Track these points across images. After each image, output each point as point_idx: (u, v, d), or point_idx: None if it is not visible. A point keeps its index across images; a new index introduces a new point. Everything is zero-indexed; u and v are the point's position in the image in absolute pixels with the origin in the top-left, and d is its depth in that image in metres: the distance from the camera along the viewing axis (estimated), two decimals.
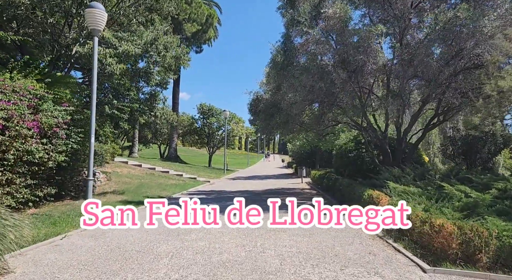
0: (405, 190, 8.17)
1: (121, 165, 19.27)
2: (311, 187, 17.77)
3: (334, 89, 10.77)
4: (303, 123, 15.10)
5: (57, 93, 9.17)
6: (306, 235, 6.71)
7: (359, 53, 10.08)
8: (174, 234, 6.89)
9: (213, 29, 34.05)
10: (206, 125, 36.25)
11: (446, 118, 12.08)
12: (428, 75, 10.23)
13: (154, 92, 12.61)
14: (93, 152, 8.37)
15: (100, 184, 13.79)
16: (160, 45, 10.75)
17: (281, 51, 11.58)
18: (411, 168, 10.11)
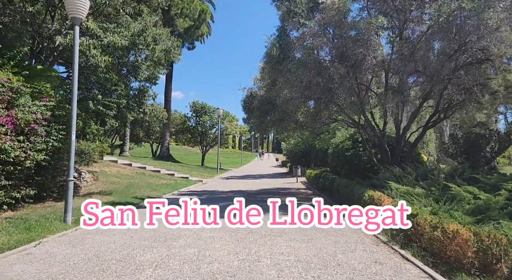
0: (408, 190, 7.71)
1: (110, 164, 18.59)
2: (307, 187, 17.28)
3: (332, 85, 10.26)
4: (299, 120, 14.60)
5: (35, 87, 8.51)
6: (304, 241, 6.19)
7: (358, 46, 9.58)
8: (161, 239, 6.32)
9: (206, 25, 33.33)
10: (199, 123, 35.55)
11: (447, 116, 11.66)
12: (430, 70, 9.77)
13: (143, 87, 11.97)
14: (73, 150, 7.73)
15: (86, 185, 13.14)
16: (149, 37, 10.12)
17: (277, 44, 11.03)
18: (412, 167, 9.65)
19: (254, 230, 7.09)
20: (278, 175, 28.46)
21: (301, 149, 30.11)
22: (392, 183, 8.39)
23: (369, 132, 13.08)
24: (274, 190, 16.04)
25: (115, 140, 37.38)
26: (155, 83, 12.16)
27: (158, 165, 23.35)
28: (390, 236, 6.20)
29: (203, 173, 24.65)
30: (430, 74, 9.79)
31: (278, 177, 25.93)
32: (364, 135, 13.32)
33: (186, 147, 64.74)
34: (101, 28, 9.89)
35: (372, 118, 13.03)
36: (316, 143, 24.48)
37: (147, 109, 12.06)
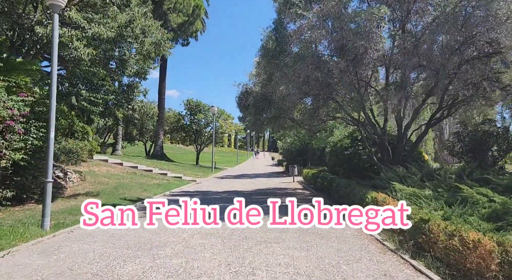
0: (415, 192, 7.17)
1: (100, 164, 17.90)
2: (304, 187, 16.73)
3: (331, 80, 9.69)
4: (296, 118, 14.04)
5: (11, 80, 7.85)
6: (304, 249, 5.63)
7: (359, 38, 9.02)
8: (146, 247, 5.73)
9: (200, 21, 32.59)
10: (194, 121, 34.83)
11: (451, 113, 11.16)
12: (435, 64, 9.23)
13: (132, 82, 11.32)
14: (52, 148, 7.10)
15: (72, 185, 12.47)
16: (137, 28, 9.47)
17: (273, 37, 10.42)
18: (416, 167, 9.12)
19: (248, 235, 6.52)
20: (274, 175, 27.90)
21: (297, 148, 29.54)
22: (396, 184, 7.86)
23: (369, 130, 12.55)
24: (270, 190, 15.47)
25: (108, 138, 36.56)
26: (144, 78, 11.51)
27: (150, 164, 22.67)
28: (398, 243, 5.66)
29: (197, 173, 24.02)
30: (435, 68, 9.25)
31: (274, 177, 25.37)
32: (364, 133, 12.79)
33: (181, 146, 63.95)
34: (86, 19, 9.23)
35: (372, 116, 12.49)
36: (313, 141, 23.94)
37: (137, 105, 11.41)
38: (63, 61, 10.12)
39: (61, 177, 12.04)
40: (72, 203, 10.09)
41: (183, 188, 16.01)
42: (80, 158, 15.06)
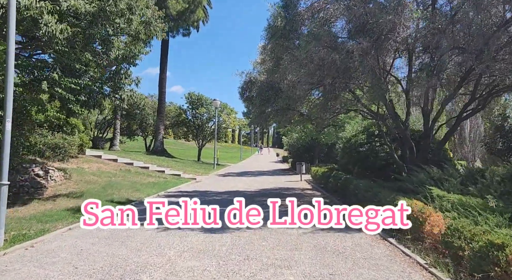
0: (461, 200, 5.69)
1: (91, 160, 16.54)
2: (313, 187, 15.25)
3: (351, 64, 8.19)
4: (305, 111, 12.56)
5: None
6: (326, 276, 4.18)
7: (386, 13, 7.51)
8: (117, 274, 4.33)
9: (202, 9, 30.93)
10: (196, 116, 33.37)
11: (487, 103, 9.63)
12: (475, 44, 7.68)
13: (119, 68, 9.90)
14: (8, 142, 5.75)
15: (54, 184, 11.10)
16: (121, 2, 8.06)
17: (282, 13, 8.92)
18: (453, 168, 7.62)
19: (251, 256, 5.10)
20: (280, 172, 26.44)
21: (304, 144, 27.96)
22: (434, 189, 6.38)
23: (389, 124, 11.05)
24: (275, 190, 14.03)
25: (108, 133, 35.22)
26: (134, 64, 10.08)
27: (148, 160, 21.27)
28: (454, 274, 4.19)
29: (198, 170, 22.63)
30: (475, 50, 7.71)
31: (279, 174, 23.93)
32: (382, 127, 11.28)
33: (183, 141, 62.77)
34: None
35: (392, 107, 10.97)
36: (323, 137, 22.41)
37: (125, 95, 9.99)
38: (34, 39, 8.71)
39: (41, 175, 10.69)
40: (48, 207, 8.74)
41: (181, 187, 14.64)
42: (68, 154, 13.67)
